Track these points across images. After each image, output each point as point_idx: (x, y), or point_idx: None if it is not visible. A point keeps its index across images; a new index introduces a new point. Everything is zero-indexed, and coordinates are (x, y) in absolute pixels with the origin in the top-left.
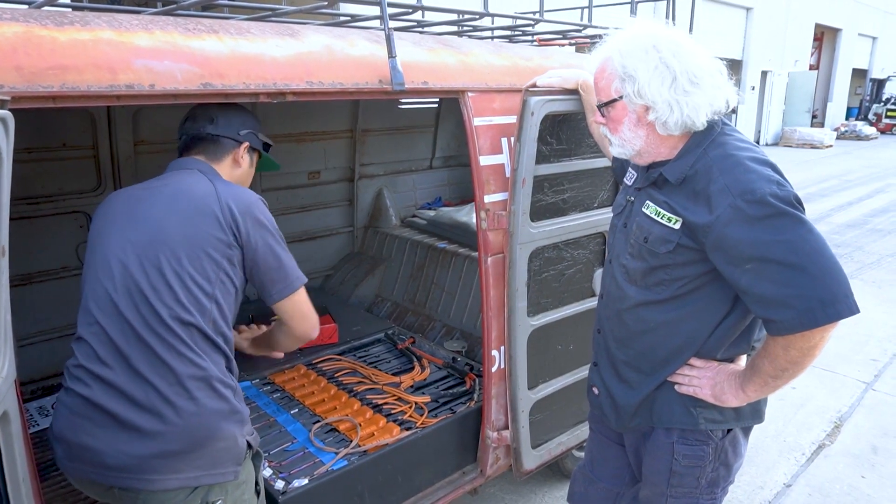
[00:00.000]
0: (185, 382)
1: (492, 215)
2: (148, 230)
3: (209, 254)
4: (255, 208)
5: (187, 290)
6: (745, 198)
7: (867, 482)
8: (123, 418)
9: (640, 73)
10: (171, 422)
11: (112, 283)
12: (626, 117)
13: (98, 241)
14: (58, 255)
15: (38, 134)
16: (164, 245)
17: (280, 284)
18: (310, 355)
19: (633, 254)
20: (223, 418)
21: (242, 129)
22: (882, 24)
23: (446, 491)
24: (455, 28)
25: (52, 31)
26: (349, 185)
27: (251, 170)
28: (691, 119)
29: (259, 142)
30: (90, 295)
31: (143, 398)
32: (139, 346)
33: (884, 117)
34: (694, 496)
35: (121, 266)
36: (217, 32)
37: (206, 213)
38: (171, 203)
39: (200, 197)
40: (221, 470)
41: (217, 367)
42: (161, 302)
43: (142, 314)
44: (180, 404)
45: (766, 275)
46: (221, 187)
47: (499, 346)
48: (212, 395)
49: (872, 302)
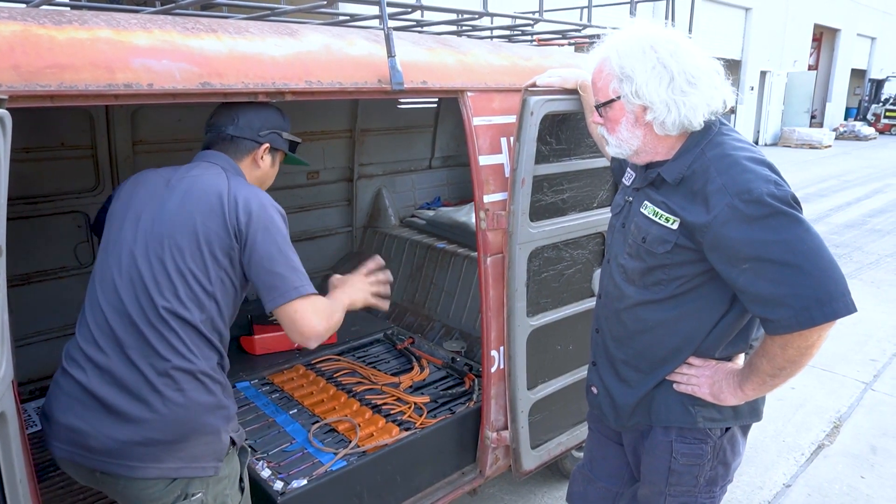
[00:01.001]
0: (174, 374)
1: (491, 215)
2: (160, 222)
3: (213, 252)
4: (264, 213)
5: (188, 286)
6: (742, 197)
7: (866, 482)
8: (112, 403)
9: (638, 73)
10: (158, 410)
11: (119, 270)
12: (624, 117)
13: (116, 220)
14: (56, 255)
15: (36, 133)
16: (171, 239)
17: (274, 292)
18: (309, 355)
19: (632, 254)
20: (209, 412)
21: (263, 130)
22: (881, 24)
23: (445, 491)
24: (454, 28)
25: (49, 29)
26: (348, 185)
27: (273, 169)
28: (689, 119)
29: (283, 142)
30: (98, 277)
31: (132, 385)
32: (134, 334)
33: (882, 117)
34: (692, 495)
35: (129, 253)
36: (216, 32)
37: (214, 212)
38: (185, 198)
39: (212, 194)
40: (202, 464)
41: (208, 362)
42: (160, 295)
43: (140, 304)
44: (167, 394)
45: (764, 274)
46: (235, 186)
47: (498, 346)
48: (199, 389)
49: (872, 302)
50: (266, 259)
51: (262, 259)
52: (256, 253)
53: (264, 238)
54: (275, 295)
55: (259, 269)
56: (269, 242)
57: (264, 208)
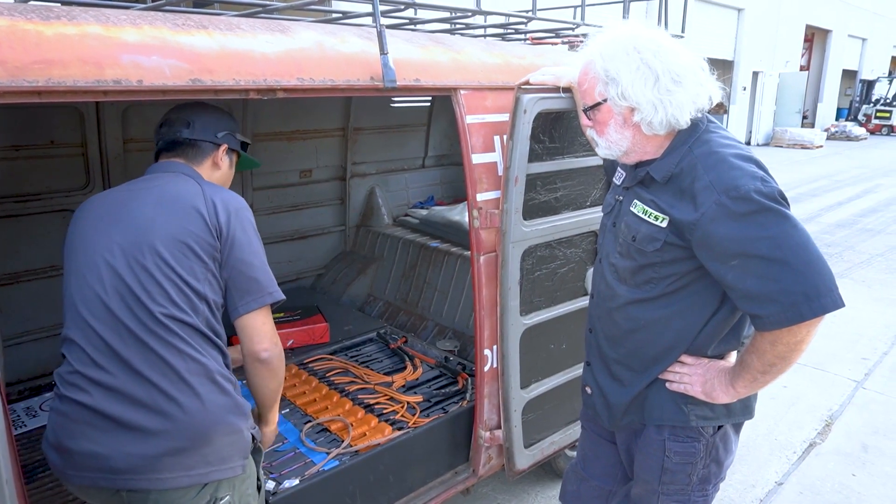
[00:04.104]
0: (188, 378)
1: (484, 214)
2: (135, 231)
3: (196, 253)
4: (243, 213)
5: (178, 289)
6: (729, 194)
7: (858, 480)
8: (127, 420)
9: (623, 75)
10: (177, 418)
11: (101, 286)
12: (612, 119)
13: (81, 243)
14: (45, 254)
15: (25, 131)
16: (151, 246)
17: (249, 297)
18: (301, 355)
19: (622, 252)
20: (229, 411)
21: (219, 132)
22: (871, 25)
23: (438, 491)
24: (447, 26)
25: (37, 25)
26: (341, 183)
27: (231, 171)
28: (675, 118)
29: (237, 142)
30: (78, 298)
31: (146, 398)
32: (137, 347)
33: (873, 118)
34: (685, 493)
35: (109, 268)
36: (206, 28)
37: (193, 214)
38: (159, 204)
39: (187, 199)
40: (230, 464)
41: (216, 361)
42: (154, 302)
43: (136, 315)
44: (184, 400)
45: (751, 270)
46: (209, 190)
47: (491, 345)
48: (215, 390)
49: (863, 301)
50: (245, 264)
51: (238, 261)
52: (235, 252)
53: (242, 238)
54: (249, 300)
55: (234, 271)
56: (246, 243)
57: (243, 209)
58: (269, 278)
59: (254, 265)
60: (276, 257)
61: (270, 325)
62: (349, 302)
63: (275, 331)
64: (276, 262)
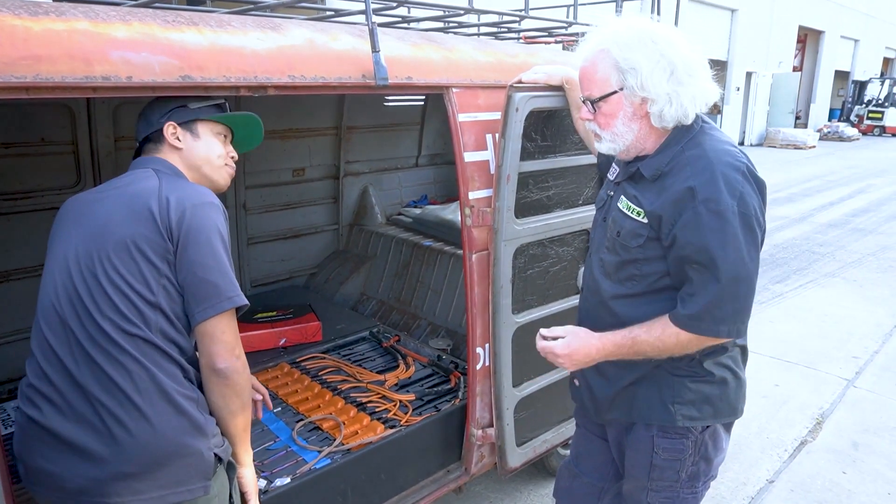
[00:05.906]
0: (136, 400)
1: (476, 212)
2: (90, 237)
3: (148, 258)
4: (202, 210)
5: (127, 299)
6: (708, 206)
7: (848, 478)
8: (74, 441)
9: (643, 65)
10: (124, 443)
11: (55, 293)
12: (622, 111)
13: (51, 246)
14: (36, 252)
15: (15, 129)
16: (101, 252)
17: (205, 303)
18: (293, 353)
19: (609, 247)
20: (184, 433)
21: (162, 116)
22: (864, 26)
23: (431, 489)
24: (440, 24)
25: (25, 20)
26: (334, 182)
27: (202, 143)
28: (686, 111)
29: (193, 111)
30: (39, 306)
31: (93, 419)
32: (86, 363)
33: (865, 119)
34: (674, 490)
35: (65, 274)
36: (197, 25)
37: (143, 216)
38: (113, 206)
39: (140, 198)
40: (188, 486)
41: (172, 378)
42: (101, 314)
43: (86, 328)
44: (132, 425)
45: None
46: (167, 186)
47: (483, 343)
48: (168, 410)
49: (853, 300)
50: (197, 264)
51: (191, 263)
52: (188, 254)
53: (197, 237)
54: (205, 306)
55: (188, 273)
56: (203, 243)
57: (202, 205)
58: (229, 281)
59: (209, 267)
60: (268, 256)
61: (232, 335)
62: (342, 301)
63: (237, 341)
64: (269, 261)
